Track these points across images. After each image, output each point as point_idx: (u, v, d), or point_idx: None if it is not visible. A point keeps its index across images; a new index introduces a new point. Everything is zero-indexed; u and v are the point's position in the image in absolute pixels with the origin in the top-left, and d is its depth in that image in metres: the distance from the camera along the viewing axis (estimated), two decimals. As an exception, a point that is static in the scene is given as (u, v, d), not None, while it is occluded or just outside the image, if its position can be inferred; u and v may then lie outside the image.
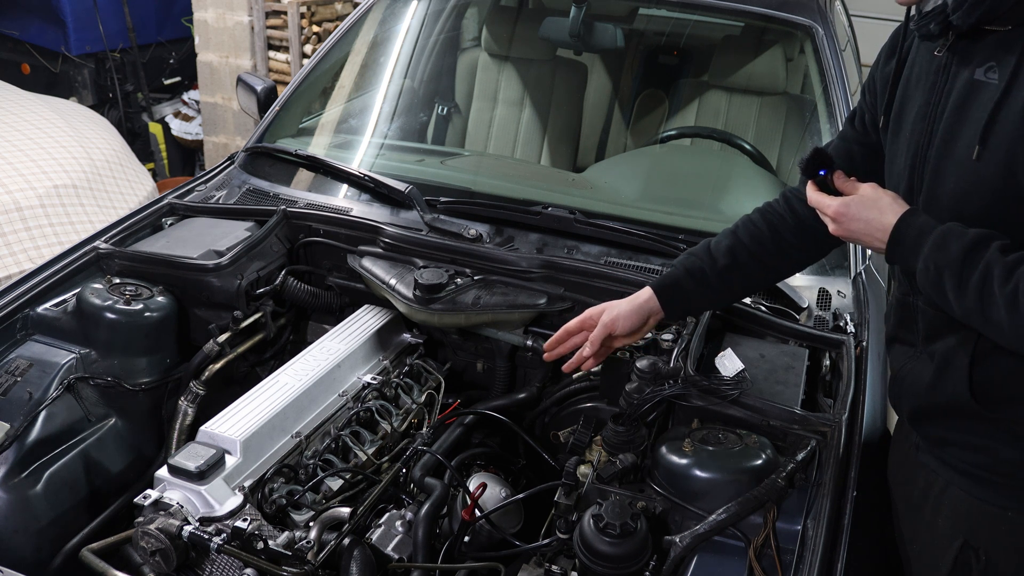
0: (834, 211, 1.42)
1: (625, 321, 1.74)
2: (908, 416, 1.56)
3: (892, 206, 1.39)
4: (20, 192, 3.22)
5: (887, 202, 1.39)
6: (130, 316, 1.93)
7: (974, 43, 1.34)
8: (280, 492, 1.66)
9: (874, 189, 1.42)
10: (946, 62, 1.39)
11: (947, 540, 1.48)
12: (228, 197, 2.39)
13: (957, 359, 1.40)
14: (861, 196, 1.41)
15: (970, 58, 1.35)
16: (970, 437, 1.43)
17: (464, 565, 1.63)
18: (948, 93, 1.38)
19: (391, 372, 2.00)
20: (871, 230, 1.40)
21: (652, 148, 2.82)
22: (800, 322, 1.94)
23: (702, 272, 1.72)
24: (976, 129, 1.31)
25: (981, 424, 1.40)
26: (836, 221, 1.43)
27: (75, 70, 5.52)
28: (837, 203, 1.42)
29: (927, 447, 1.52)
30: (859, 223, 1.41)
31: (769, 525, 1.46)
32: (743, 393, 1.65)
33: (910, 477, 1.58)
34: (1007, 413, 1.38)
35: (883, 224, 1.38)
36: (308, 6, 5.02)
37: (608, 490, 1.55)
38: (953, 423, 1.44)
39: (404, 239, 2.12)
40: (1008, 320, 1.24)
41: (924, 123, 1.42)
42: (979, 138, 1.30)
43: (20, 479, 1.68)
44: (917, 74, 1.47)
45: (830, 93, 2.48)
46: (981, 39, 1.33)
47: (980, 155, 1.30)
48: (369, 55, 2.99)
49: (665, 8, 2.96)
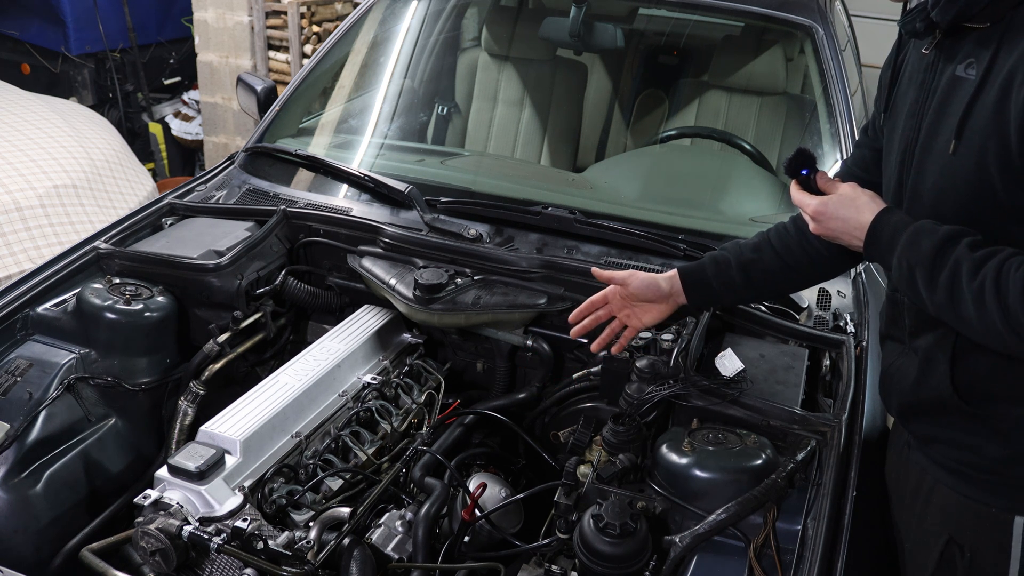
0: (813, 210, 1.45)
1: (640, 283, 1.74)
2: (897, 413, 1.57)
3: (869, 204, 1.41)
4: (20, 192, 3.22)
5: (864, 201, 1.42)
6: (130, 316, 1.93)
7: (958, 40, 1.37)
8: (280, 492, 1.66)
9: (852, 188, 1.44)
10: (933, 59, 1.41)
11: (934, 538, 1.49)
12: (228, 197, 2.39)
13: (939, 355, 1.42)
14: (840, 195, 1.44)
15: (953, 55, 1.37)
16: (955, 434, 1.43)
17: (464, 565, 1.63)
18: (934, 90, 1.40)
19: (391, 372, 2.00)
20: (849, 228, 1.43)
21: (652, 148, 2.82)
22: (800, 322, 1.94)
23: (727, 263, 1.73)
24: (953, 124, 1.33)
25: (965, 420, 1.41)
26: (815, 219, 1.46)
27: (75, 70, 5.52)
28: (816, 202, 1.45)
29: (917, 445, 1.53)
30: (837, 221, 1.43)
31: (769, 525, 1.46)
32: (743, 393, 1.65)
33: (903, 475, 1.59)
34: (990, 409, 1.39)
35: (860, 222, 1.41)
36: (308, 6, 5.02)
37: (608, 490, 1.55)
38: (939, 420, 1.45)
39: (404, 239, 2.12)
40: (976, 315, 1.26)
41: (913, 120, 1.44)
42: (955, 132, 1.32)
43: (20, 479, 1.68)
44: (910, 73, 1.49)
45: (830, 93, 2.48)
46: (964, 36, 1.36)
47: (955, 149, 1.32)
48: (369, 55, 2.99)
49: (665, 8, 2.96)
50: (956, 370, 1.40)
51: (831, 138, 2.43)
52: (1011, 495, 1.41)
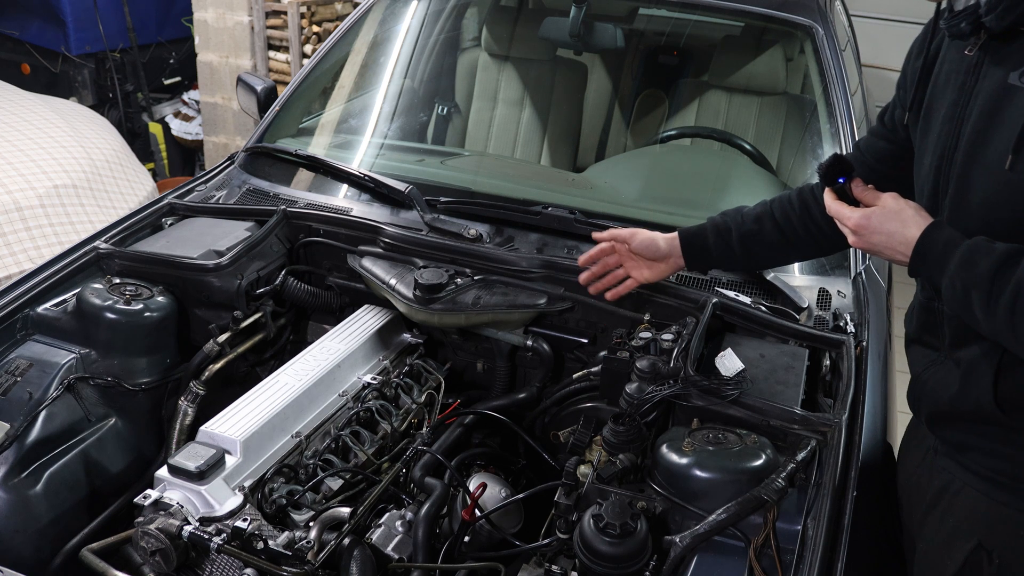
0: (855, 223, 1.38)
1: (642, 240, 1.78)
2: (927, 419, 1.52)
3: (915, 218, 1.34)
4: (20, 192, 3.22)
5: (910, 214, 1.34)
6: (130, 316, 1.93)
7: (1007, 44, 1.29)
8: (280, 492, 1.66)
9: (896, 200, 1.36)
10: (977, 61, 1.33)
11: (958, 541, 1.46)
12: (228, 197, 2.39)
13: (982, 368, 1.36)
14: (883, 207, 1.36)
15: (1002, 59, 1.29)
16: (992, 443, 1.40)
17: (464, 565, 1.63)
18: (977, 95, 1.33)
19: (391, 372, 2.00)
20: (893, 243, 1.35)
21: (652, 148, 2.82)
22: (800, 322, 1.94)
23: (727, 230, 1.74)
24: (1009, 137, 1.25)
25: (1003, 431, 1.38)
26: (856, 233, 1.39)
27: (75, 70, 5.52)
28: (858, 215, 1.37)
29: (946, 451, 1.49)
30: (880, 236, 1.36)
31: (769, 525, 1.46)
32: (743, 393, 1.65)
33: (925, 479, 1.55)
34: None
35: (906, 238, 1.33)
36: (308, 6, 5.02)
37: (608, 490, 1.55)
38: (975, 429, 1.42)
39: (404, 239, 2.12)
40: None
41: (951, 124, 1.37)
42: (1012, 147, 1.24)
43: (20, 479, 1.68)
44: (947, 72, 1.41)
45: (830, 93, 2.48)
46: (1014, 40, 1.28)
47: (1013, 165, 1.24)
48: (369, 55, 2.99)
49: (665, 8, 2.96)
50: (1000, 384, 1.35)
51: (831, 138, 2.43)
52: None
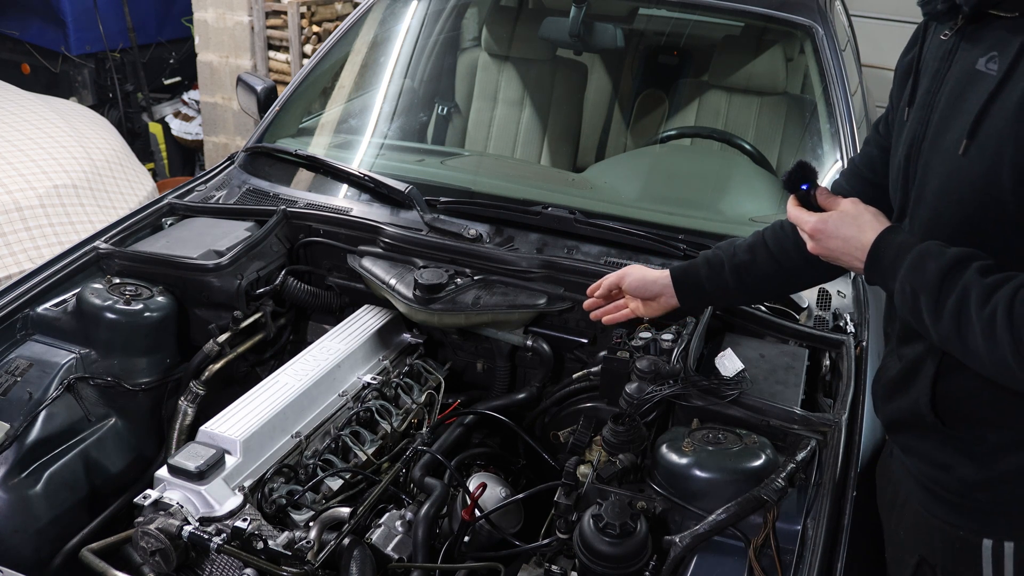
0: (812, 227, 1.34)
1: (632, 281, 1.76)
2: (878, 414, 1.51)
3: (872, 223, 1.30)
4: (20, 192, 3.22)
5: (867, 219, 1.30)
6: (130, 316, 1.93)
7: (981, 29, 1.25)
8: (280, 492, 1.66)
9: (855, 204, 1.33)
10: (951, 47, 1.30)
11: (906, 554, 1.45)
12: (228, 197, 2.39)
13: (923, 368, 1.34)
14: (841, 212, 1.32)
15: (975, 45, 1.25)
16: (930, 450, 1.37)
17: (464, 565, 1.63)
18: (948, 81, 1.29)
19: (391, 372, 2.00)
20: (849, 248, 1.31)
21: (652, 148, 2.82)
22: (800, 322, 1.94)
23: (720, 264, 1.68)
24: (967, 122, 1.21)
25: (940, 438, 1.34)
26: (813, 238, 1.35)
27: (75, 70, 5.52)
28: (815, 219, 1.34)
29: (898, 453, 1.47)
30: (837, 241, 1.32)
31: (769, 525, 1.46)
32: (743, 393, 1.65)
33: (884, 482, 1.56)
34: (967, 432, 1.31)
35: (861, 242, 1.29)
36: (308, 6, 5.02)
37: (608, 490, 1.55)
38: (916, 432, 1.39)
39: (404, 239, 2.12)
40: (985, 348, 1.15)
41: (922, 111, 1.33)
42: (967, 132, 1.20)
43: (20, 479, 1.68)
44: (927, 60, 1.37)
45: (830, 93, 2.48)
46: (988, 25, 1.24)
47: (966, 150, 1.20)
48: (369, 55, 2.99)
49: (665, 8, 2.96)
50: (938, 388, 1.31)
51: (831, 138, 2.43)
52: (979, 518, 1.33)
